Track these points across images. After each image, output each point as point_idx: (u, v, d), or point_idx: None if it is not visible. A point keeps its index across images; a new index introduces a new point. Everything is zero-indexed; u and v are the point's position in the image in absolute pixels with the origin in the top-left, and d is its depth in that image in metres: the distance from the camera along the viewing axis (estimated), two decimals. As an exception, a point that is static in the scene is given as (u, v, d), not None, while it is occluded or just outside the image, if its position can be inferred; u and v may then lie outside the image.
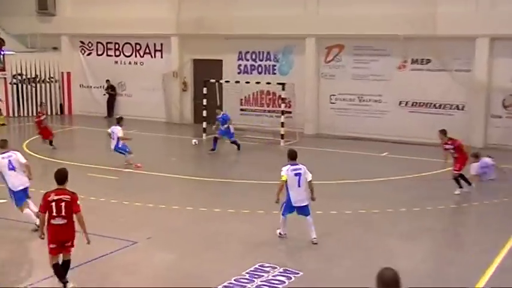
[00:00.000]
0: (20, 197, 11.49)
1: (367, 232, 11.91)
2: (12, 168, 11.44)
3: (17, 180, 11.48)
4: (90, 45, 28.41)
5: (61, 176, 8.91)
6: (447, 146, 14.51)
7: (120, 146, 17.25)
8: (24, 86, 27.89)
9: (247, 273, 9.60)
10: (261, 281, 9.32)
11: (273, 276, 9.53)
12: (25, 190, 11.55)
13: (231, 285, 9.14)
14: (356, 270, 9.85)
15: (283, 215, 11.02)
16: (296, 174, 10.79)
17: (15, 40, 28.81)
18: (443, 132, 14.69)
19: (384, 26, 21.34)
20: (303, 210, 10.90)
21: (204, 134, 22.17)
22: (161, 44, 26.66)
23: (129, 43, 27.45)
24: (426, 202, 13.76)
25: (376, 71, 22.38)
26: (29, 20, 28.37)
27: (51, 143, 19.85)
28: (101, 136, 21.50)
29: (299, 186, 10.78)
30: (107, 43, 27.98)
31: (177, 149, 21.55)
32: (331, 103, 23.37)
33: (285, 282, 9.31)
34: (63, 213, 8.69)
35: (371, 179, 16.35)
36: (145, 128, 24.20)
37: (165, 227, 12.13)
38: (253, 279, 9.39)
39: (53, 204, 8.62)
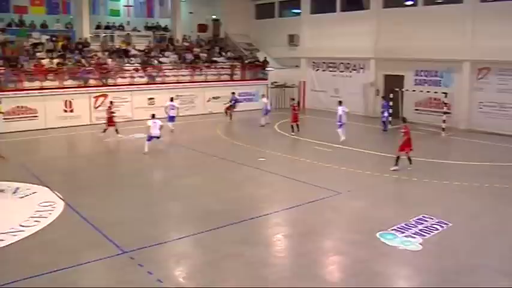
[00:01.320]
0: None
1: (503, 202, 10.92)
2: None
3: None
4: (318, 64, 29.63)
5: None
6: None
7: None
8: (278, 89, 30.07)
9: (413, 220, 9.49)
10: (423, 227, 9.14)
11: (431, 224, 9.29)
12: None
13: (402, 227, 9.12)
14: (490, 227, 9.30)
15: None
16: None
17: (274, 61, 31.32)
18: None
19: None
20: None
21: (389, 125, 21.76)
22: (363, 64, 26.58)
23: (342, 63, 27.94)
24: None
25: (514, 86, 21.06)
26: (283, 49, 30.11)
27: (297, 126, 19.95)
28: (322, 123, 22.33)
29: None
30: (329, 63, 29.01)
31: (369, 135, 21.05)
32: (479, 108, 22.11)
33: (439, 229, 9.09)
34: None
35: (509, 163, 14.84)
36: (351, 118, 24.18)
37: (361, 184, 12.11)
38: (417, 225, 9.23)
39: None
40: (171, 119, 19.49)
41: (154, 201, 10.63)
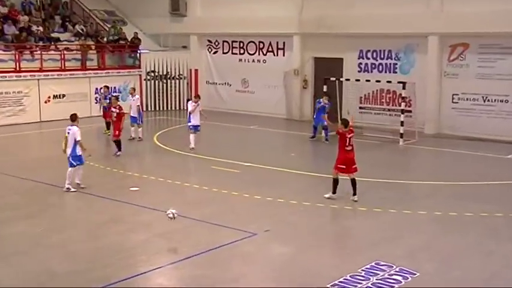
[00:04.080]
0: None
1: (487, 236, 11.49)
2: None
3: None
4: (216, 43, 29.77)
5: None
6: None
7: None
8: (157, 82, 29.79)
9: (362, 270, 9.53)
10: (377, 279, 9.22)
11: (388, 275, 9.37)
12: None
13: (346, 281, 9.14)
14: (474, 274, 9.58)
15: None
16: (68, 133, 14.22)
17: (150, 40, 30.95)
18: None
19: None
20: None
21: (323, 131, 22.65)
22: (283, 43, 27.39)
23: (253, 42, 28.46)
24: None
25: (503, 70, 21.70)
26: (163, 20, 30.23)
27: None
28: (223, 130, 22.57)
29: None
30: (232, 42, 29.19)
31: (296, 145, 21.90)
32: (454, 103, 22.96)
33: (401, 281, 9.15)
34: None
35: (495, 181, 15.80)
36: (266, 124, 24.97)
37: (283, 221, 12.39)
38: (369, 276, 9.29)
39: None
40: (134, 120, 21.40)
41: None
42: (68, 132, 14.52)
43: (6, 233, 11.87)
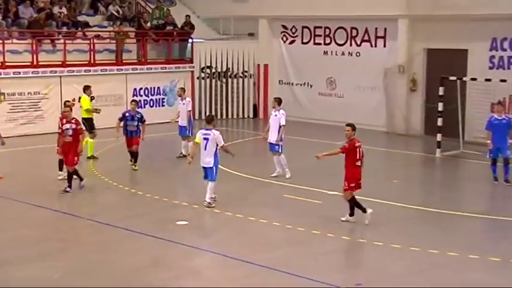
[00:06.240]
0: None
1: None
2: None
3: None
4: (293, 30, 29.88)
5: None
6: None
7: None
8: (213, 81, 30.09)
9: None
10: None
11: None
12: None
13: None
14: None
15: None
16: (204, 139, 15.61)
17: (205, 25, 31.46)
18: None
19: None
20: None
21: (437, 150, 22.20)
22: (384, 29, 27.30)
23: (342, 28, 28.46)
24: None
25: None
26: (223, 1, 30.61)
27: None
28: (301, 147, 22.37)
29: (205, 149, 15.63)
30: (315, 28, 29.27)
31: (400, 168, 21.67)
32: None
33: None
34: None
35: None
36: (359, 138, 24.50)
37: (381, 272, 12.36)
38: None
39: None
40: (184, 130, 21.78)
41: None
42: (206, 138, 15.71)
43: (14, 277, 11.97)
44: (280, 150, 19.01)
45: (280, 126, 18.95)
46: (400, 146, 24.72)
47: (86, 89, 21.37)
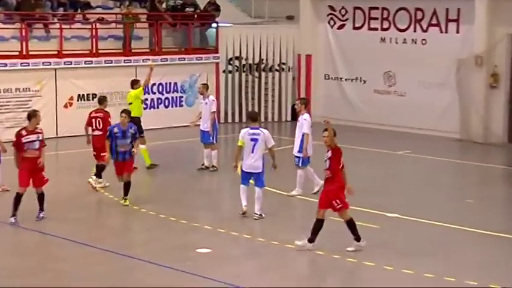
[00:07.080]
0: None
1: None
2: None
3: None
4: (343, 12, 30.00)
5: None
6: None
7: None
8: (243, 76, 30.31)
9: None
10: None
11: None
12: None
13: None
14: None
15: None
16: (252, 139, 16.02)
17: (233, 7, 31.78)
18: None
19: None
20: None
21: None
22: (458, 10, 27.33)
23: (404, 9, 28.57)
24: None
25: None
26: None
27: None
28: (353, 157, 22.33)
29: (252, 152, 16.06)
30: (370, 9, 29.43)
31: (476, 186, 21.56)
32: None
33: None
34: None
35: None
36: (425, 147, 24.93)
37: None
38: None
39: None
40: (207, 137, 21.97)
41: None
42: (255, 139, 16.43)
43: None
44: (300, 164, 19.32)
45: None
46: (477, 157, 24.62)
47: (135, 83, 22.04)
